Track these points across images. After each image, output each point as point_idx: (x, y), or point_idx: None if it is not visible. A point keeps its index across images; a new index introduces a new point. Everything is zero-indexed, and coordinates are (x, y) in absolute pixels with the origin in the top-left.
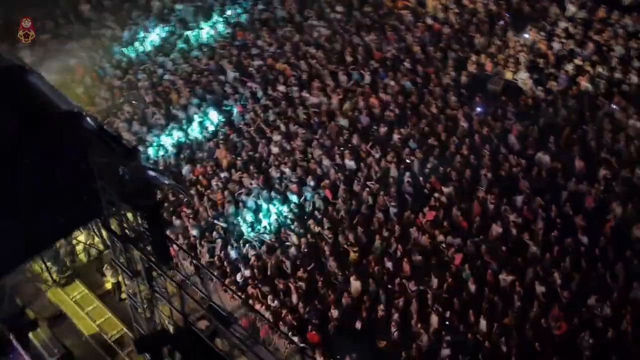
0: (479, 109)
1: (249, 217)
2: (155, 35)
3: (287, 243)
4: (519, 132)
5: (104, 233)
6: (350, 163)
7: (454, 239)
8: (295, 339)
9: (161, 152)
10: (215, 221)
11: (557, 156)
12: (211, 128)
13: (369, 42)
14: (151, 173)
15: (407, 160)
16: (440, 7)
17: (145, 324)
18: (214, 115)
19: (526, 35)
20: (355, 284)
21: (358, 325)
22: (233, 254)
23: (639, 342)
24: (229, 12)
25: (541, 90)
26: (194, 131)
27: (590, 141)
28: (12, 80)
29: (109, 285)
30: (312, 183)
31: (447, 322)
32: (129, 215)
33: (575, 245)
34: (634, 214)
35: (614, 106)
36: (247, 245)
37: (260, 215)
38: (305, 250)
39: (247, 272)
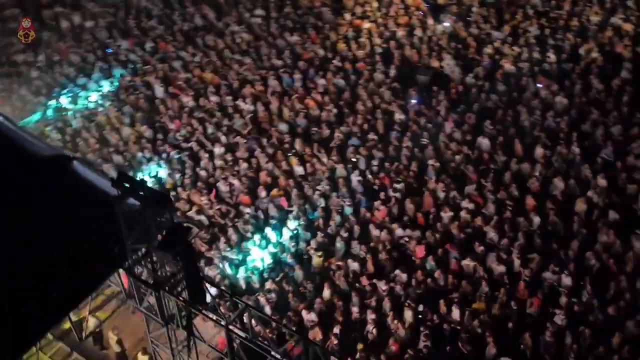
0: (413, 101)
1: (206, 235)
2: (72, 56)
3: (250, 257)
4: (455, 119)
5: (122, 279)
6: (298, 168)
7: (412, 231)
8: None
9: None
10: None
11: (496, 139)
12: (148, 146)
13: (294, 43)
14: None
15: (353, 159)
16: (358, 2)
17: None
18: (149, 133)
19: (446, 24)
20: (325, 289)
21: (336, 330)
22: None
23: (603, 310)
24: (146, 25)
25: (469, 76)
26: (131, 151)
27: (523, 121)
28: None
29: (67, 325)
30: (263, 193)
31: (420, 316)
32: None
33: (529, 224)
34: (576, 188)
35: (539, 85)
36: (209, 264)
37: (217, 230)
38: (270, 261)
39: (214, 291)
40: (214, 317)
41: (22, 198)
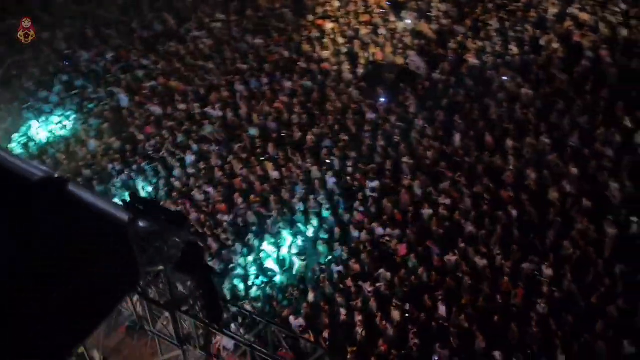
0: (382, 99)
1: None
2: (30, 69)
3: (232, 265)
4: (425, 116)
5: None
6: (273, 173)
7: (392, 230)
8: None
9: None
10: None
11: (467, 133)
12: (117, 158)
13: (258, 46)
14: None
15: (327, 161)
16: (319, 2)
17: None
18: (118, 145)
19: (408, 21)
20: (311, 293)
21: (326, 334)
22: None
23: (584, 297)
24: (105, 34)
25: (435, 72)
26: (100, 164)
27: (492, 114)
28: None
29: None
30: (240, 200)
31: (407, 315)
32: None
33: (506, 217)
34: (549, 178)
35: (504, 78)
36: None
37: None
38: (252, 268)
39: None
40: (237, 336)
41: (18, 226)
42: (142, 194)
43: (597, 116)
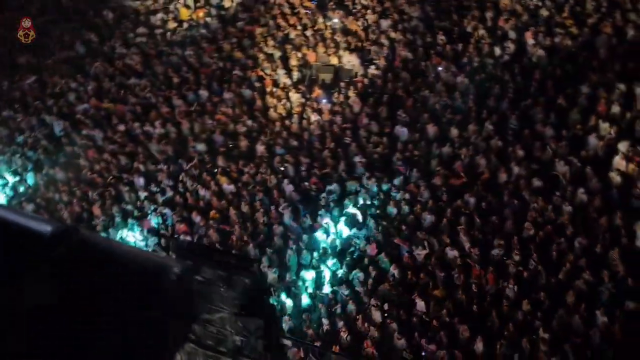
0: (323, 100)
1: None
2: None
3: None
4: (369, 113)
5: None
6: (228, 186)
7: (359, 231)
8: None
9: None
10: None
11: (413, 126)
12: (62, 188)
13: (189, 58)
14: None
15: (282, 168)
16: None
17: None
18: (60, 174)
19: (335, 20)
20: (288, 305)
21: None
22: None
23: (553, 276)
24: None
25: (370, 67)
26: (44, 197)
27: (433, 105)
28: None
29: None
30: (198, 218)
31: (386, 314)
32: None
33: (465, 205)
34: (499, 163)
35: (439, 68)
36: None
37: None
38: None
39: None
40: None
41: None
42: (97, 223)
43: (531, 97)
